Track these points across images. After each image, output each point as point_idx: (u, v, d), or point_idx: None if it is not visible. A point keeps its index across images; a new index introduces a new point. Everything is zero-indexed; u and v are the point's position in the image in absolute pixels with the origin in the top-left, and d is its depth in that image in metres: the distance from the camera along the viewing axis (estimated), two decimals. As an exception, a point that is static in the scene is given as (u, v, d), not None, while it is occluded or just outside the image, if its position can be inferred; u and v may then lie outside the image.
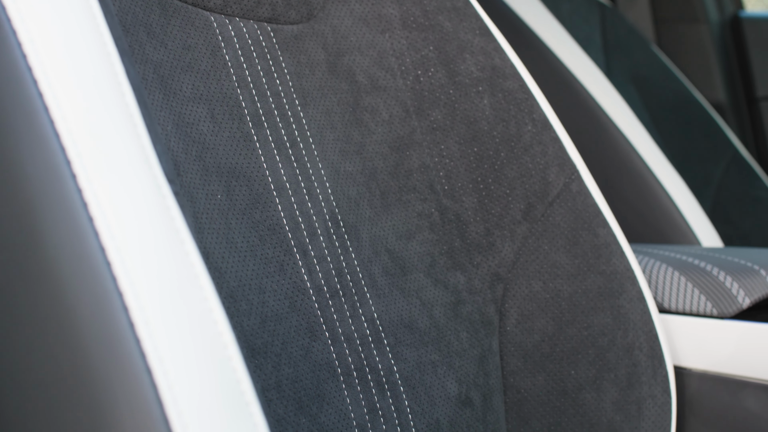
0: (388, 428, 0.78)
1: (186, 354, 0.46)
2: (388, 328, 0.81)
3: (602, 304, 0.97)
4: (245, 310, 0.70)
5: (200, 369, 0.46)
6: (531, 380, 0.96)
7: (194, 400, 0.45)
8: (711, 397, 1.07)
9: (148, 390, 0.45)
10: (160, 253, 0.48)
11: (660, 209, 1.70)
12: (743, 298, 1.05)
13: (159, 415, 0.44)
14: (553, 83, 1.72)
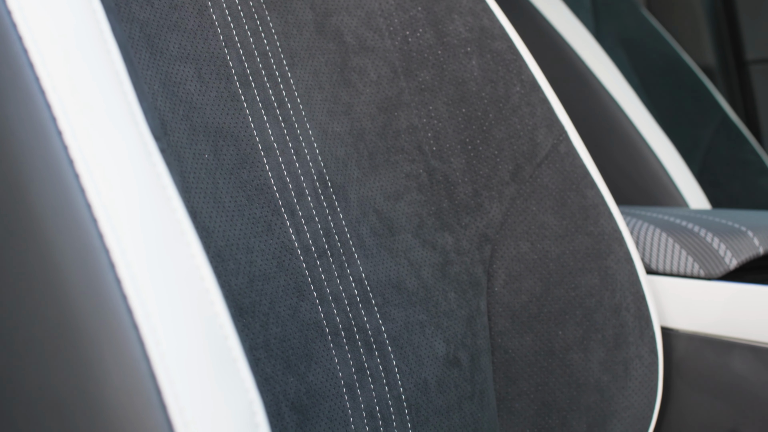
0: (376, 387, 0.78)
1: (173, 310, 0.46)
2: (376, 289, 0.81)
3: (590, 265, 0.97)
4: (233, 270, 0.70)
5: (187, 325, 0.46)
6: (519, 341, 0.96)
7: (181, 356, 0.45)
8: (698, 357, 1.07)
9: (134, 346, 0.45)
10: (146, 209, 0.48)
11: (648, 172, 1.70)
12: (730, 259, 1.05)
13: (146, 370, 0.45)
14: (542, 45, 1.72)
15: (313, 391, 0.72)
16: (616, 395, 0.98)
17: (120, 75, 0.52)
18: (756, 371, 1.03)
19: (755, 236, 1.07)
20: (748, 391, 1.04)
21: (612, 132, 1.73)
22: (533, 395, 0.97)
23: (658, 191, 1.69)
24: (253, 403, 0.47)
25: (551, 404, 0.97)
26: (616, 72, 1.78)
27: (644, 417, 1.00)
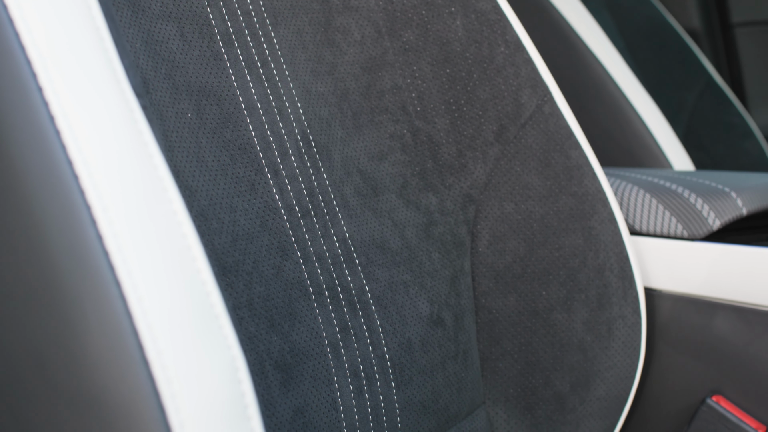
0: (360, 347, 0.78)
1: (155, 267, 0.46)
2: (360, 248, 0.81)
3: (573, 226, 0.97)
4: (216, 229, 0.70)
5: (169, 281, 0.46)
6: (502, 301, 0.96)
7: (163, 312, 0.45)
8: (681, 318, 1.08)
9: (117, 302, 0.45)
10: (127, 165, 0.48)
11: (633, 134, 1.70)
12: (714, 220, 1.06)
13: (128, 327, 0.45)
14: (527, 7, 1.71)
15: (296, 350, 0.72)
16: (599, 355, 0.99)
17: (101, 31, 0.51)
18: (738, 332, 1.04)
19: (738, 197, 1.07)
20: (730, 352, 1.05)
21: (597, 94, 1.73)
22: (517, 355, 0.97)
23: (642, 153, 1.70)
24: (235, 359, 0.47)
25: (535, 364, 0.97)
26: (601, 34, 1.78)
27: (627, 377, 1.01)
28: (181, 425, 0.44)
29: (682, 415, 1.08)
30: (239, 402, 0.46)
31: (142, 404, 0.44)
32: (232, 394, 0.46)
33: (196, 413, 0.44)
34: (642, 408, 1.11)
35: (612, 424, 1.01)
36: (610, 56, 1.75)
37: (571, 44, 1.73)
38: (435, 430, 0.85)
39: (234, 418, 0.46)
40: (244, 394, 0.46)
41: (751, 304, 1.03)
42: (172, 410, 0.44)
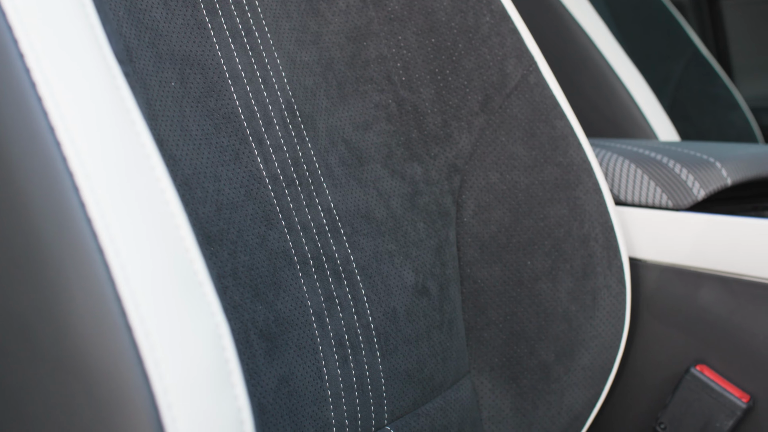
0: (345, 316, 0.78)
1: (137, 234, 0.46)
2: (345, 218, 0.81)
3: (558, 196, 0.97)
4: (200, 198, 0.69)
5: (152, 249, 0.46)
6: (487, 270, 0.96)
7: (146, 279, 0.45)
8: (665, 288, 1.08)
9: (100, 269, 0.45)
10: (110, 132, 0.47)
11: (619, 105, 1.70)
12: (698, 190, 1.06)
13: (111, 294, 0.44)
14: (514, -22, 1.71)
15: (281, 319, 0.72)
16: (584, 324, 0.99)
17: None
18: (723, 301, 1.04)
19: (723, 167, 1.07)
20: (714, 322, 1.05)
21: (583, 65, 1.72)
22: (502, 324, 0.97)
23: (628, 124, 1.70)
24: (219, 326, 0.47)
25: (520, 333, 0.98)
26: (588, 5, 1.78)
27: (612, 346, 1.01)
28: (164, 391, 0.44)
29: (666, 384, 1.09)
30: (223, 369, 0.46)
31: (126, 371, 0.44)
32: (215, 360, 0.46)
33: (180, 380, 0.44)
34: (626, 377, 1.11)
35: (596, 394, 1.02)
36: (596, 27, 1.75)
37: (557, 15, 1.73)
38: (420, 399, 0.86)
39: (218, 384, 0.46)
40: (228, 360, 0.46)
41: (735, 274, 1.03)
42: (156, 377, 0.44)
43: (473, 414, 0.95)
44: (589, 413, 1.02)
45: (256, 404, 0.68)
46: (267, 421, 0.69)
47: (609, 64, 1.72)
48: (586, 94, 1.72)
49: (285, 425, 0.70)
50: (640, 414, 1.11)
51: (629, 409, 1.12)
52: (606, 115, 1.71)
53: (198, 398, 0.45)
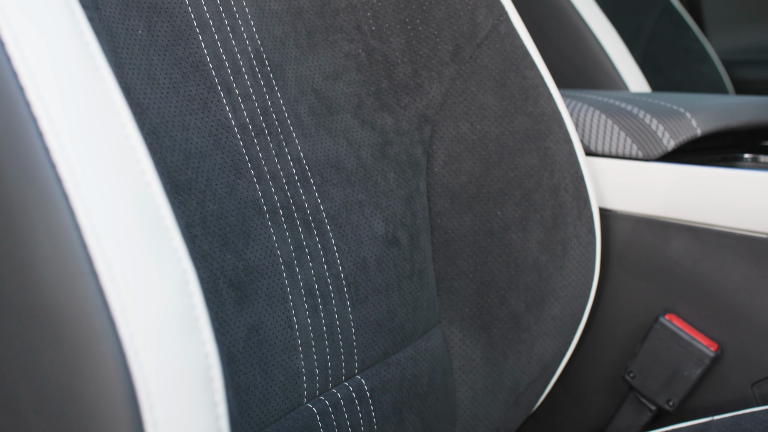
0: (315, 266, 0.78)
1: (103, 179, 0.45)
2: (315, 168, 0.81)
3: (529, 146, 0.97)
4: (168, 147, 0.69)
5: (118, 195, 0.46)
6: (458, 221, 0.97)
7: (112, 225, 0.45)
8: (635, 238, 1.08)
9: (64, 215, 0.44)
10: (74, 77, 0.47)
11: (590, 56, 1.70)
12: (668, 140, 1.06)
13: (77, 239, 0.44)
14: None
15: (251, 269, 0.72)
16: (554, 274, 1.00)
17: (45, -59, 0.50)
18: (692, 251, 1.05)
19: (693, 118, 1.07)
20: (683, 272, 1.06)
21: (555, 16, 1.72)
22: (472, 275, 0.97)
23: (599, 76, 1.70)
24: (186, 272, 0.46)
25: (490, 283, 0.98)
26: (559, -43, 1.77)
27: (582, 296, 1.01)
28: (131, 337, 0.44)
29: (635, 333, 1.09)
30: (190, 314, 0.46)
31: (92, 317, 0.44)
32: (182, 306, 0.46)
33: (146, 325, 0.44)
34: (596, 327, 1.12)
35: (566, 343, 1.02)
36: (568, -21, 1.74)
37: (529, -34, 1.72)
38: (390, 348, 0.86)
39: (185, 329, 0.46)
40: (195, 306, 0.46)
41: (704, 224, 1.04)
42: (122, 322, 0.44)
43: (444, 363, 0.95)
44: (559, 362, 1.03)
45: (225, 353, 0.68)
46: (236, 370, 0.69)
47: (581, 15, 1.71)
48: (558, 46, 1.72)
49: (255, 374, 0.70)
50: (610, 363, 1.12)
51: (599, 359, 1.13)
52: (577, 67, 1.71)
53: (165, 344, 0.45)
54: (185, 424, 0.45)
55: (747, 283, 1.03)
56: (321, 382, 0.77)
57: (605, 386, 1.13)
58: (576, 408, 1.15)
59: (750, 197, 1.01)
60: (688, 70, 2.18)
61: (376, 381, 0.83)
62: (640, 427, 1.08)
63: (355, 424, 0.80)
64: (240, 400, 0.69)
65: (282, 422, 0.73)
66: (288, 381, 0.74)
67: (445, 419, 0.96)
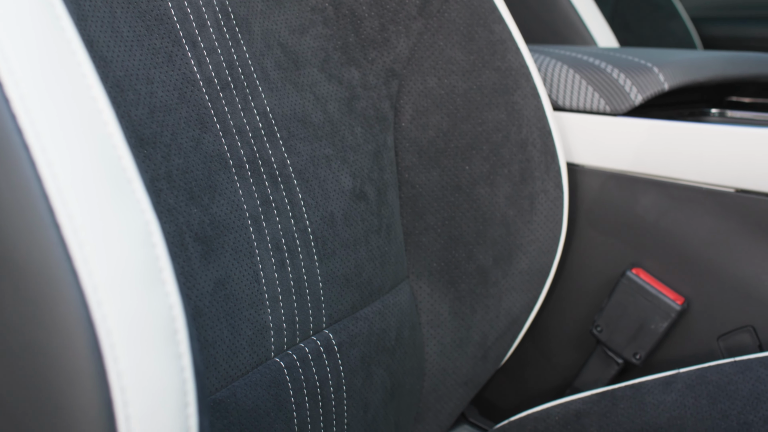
0: (282, 220, 0.78)
1: (64, 130, 0.45)
2: (281, 122, 0.81)
3: (497, 100, 0.97)
4: (133, 100, 0.68)
5: (80, 145, 0.45)
6: (426, 175, 0.96)
7: (74, 176, 0.44)
8: (603, 192, 1.09)
9: (25, 166, 0.44)
10: (34, 27, 0.46)
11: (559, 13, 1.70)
12: (636, 95, 1.06)
13: (38, 191, 0.44)
14: None
15: (217, 223, 0.71)
16: (521, 229, 1.00)
17: None
18: (659, 206, 1.05)
19: (661, 72, 1.07)
20: (650, 226, 1.06)
21: (523, -28, 1.72)
22: (440, 229, 0.98)
23: (568, 32, 1.69)
24: (149, 223, 0.46)
25: (458, 238, 0.98)
26: None
27: (549, 251, 1.02)
28: (94, 289, 0.44)
29: (603, 288, 1.10)
30: (153, 265, 0.46)
31: (55, 268, 0.43)
32: (145, 257, 0.45)
33: (109, 276, 0.44)
34: (564, 281, 1.12)
35: (534, 297, 1.03)
36: (537, -66, 1.73)
37: None
38: (358, 303, 0.86)
39: (148, 281, 0.45)
40: (159, 258, 0.46)
41: (671, 178, 1.04)
42: (85, 274, 0.44)
43: (412, 318, 0.95)
44: (527, 317, 1.04)
45: (192, 307, 0.68)
46: (203, 324, 0.69)
47: (550, -29, 1.71)
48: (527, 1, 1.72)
49: (222, 328, 0.70)
50: (578, 317, 1.13)
51: (566, 313, 1.13)
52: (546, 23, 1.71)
53: (128, 295, 0.44)
54: (149, 376, 0.45)
55: (713, 237, 1.03)
56: (288, 337, 0.77)
57: (573, 340, 1.14)
58: (544, 362, 1.16)
59: (717, 152, 1.01)
60: (656, 27, 2.18)
61: (343, 335, 0.83)
62: (607, 381, 1.09)
63: (323, 378, 0.80)
64: (207, 354, 0.69)
65: (249, 376, 0.73)
66: (255, 335, 0.74)
67: (414, 373, 0.96)
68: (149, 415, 0.45)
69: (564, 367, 1.15)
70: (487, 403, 1.20)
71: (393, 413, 0.92)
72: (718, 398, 0.91)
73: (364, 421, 0.86)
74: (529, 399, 1.17)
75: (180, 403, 0.46)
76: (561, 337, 1.14)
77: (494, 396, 1.20)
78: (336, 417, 0.82)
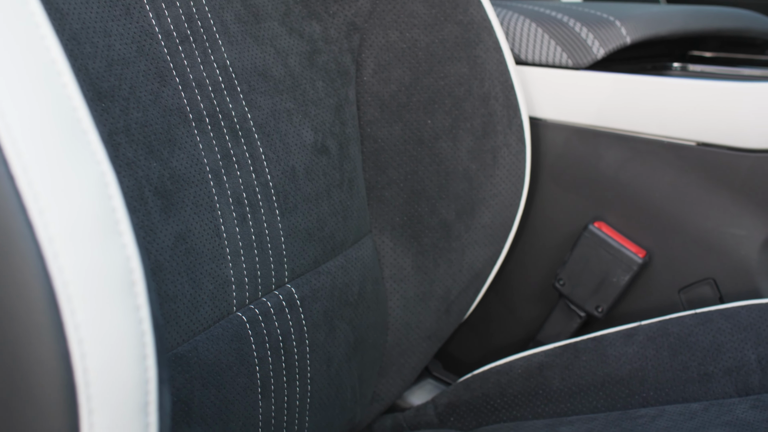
0: (243, 174, 0.77)
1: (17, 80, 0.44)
2: (242, 76, 0.80)
3: (459, 54, 0.97)
4: (90, 53, 0.67)
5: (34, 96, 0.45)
6: (388, 130, 0.96)
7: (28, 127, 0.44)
8: (565, 146, 1.09)
9: None
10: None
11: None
12: (598, 48, 1.06)
13: None
14: None
15: (177, 177, 0.71)
16: (484, 183, 1.00)
17: None
18: (621, 160, 1.06)
19: (623, 26, 1.07)
20: (612, 180, 1.07)
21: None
22: (402, 184, 0.97)
23: (531, -13, 1.69)
24: (105, 174, 0.46)
25: (420, 192, 0.98)
26: None
27: (512, 204, 1.02)
28: (49, 241, 0.43)
29: (565, 241, 1.11)
30: (110, 217, 0.45)
31: (10, 220, 0.43)
32: (101, 209, 0.45)
33: (65, 228, 0.44)
34: (527, 235, 1.13)
35: (497, 251, 1.03)
36: None
37: None
38: (321, 257, 0.86)
39: (105, 232, 0.45)
40: (115, 209, 0.46)
41: (633, 132, 1.05)
42: (41, 226, 0.43)
43: (375, 272, 0.96)
44: (490, 271, 1.04)
45: (152, 261, 0.68)
46: (164, 278, 0.68)
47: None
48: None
49: (183, 282, 0.70)
50: (540, 271, 1.13)
51: (529, 267, 1.14)
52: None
53: (84, 247, 0.44)
54: (107, 328, 0.45)
55: (675, 190, 1.04)
56: (251, 291, 0.77)
57: (536, 294, 1.14)
58: (508, 315, 1.17)
59: (679, 105, 1.02)
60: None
61: (306, 289, 0.83)
62: (570, 333, 1.10)
63: (285, 332, 0.80)
64: (168, 308, 0.69)
65: (212, 330, 0.73)
66: (217, 289, 0.73)
67: (377, 327, 0.96)
68: (107, 367, 0.44)
69: (527, 320, 1.16)
70: (451, 357, 1.21)
71: (356, 367, 0.92)
72: (679, 350, 0.92)
73: (327, 375, 0.86)
74: (492, 352, 1.17)
75: (138, 355, 0.46)
76: (524, 290, 1.15)
77: (458, 350, 1.20)
78: (299, 371, 0.82)
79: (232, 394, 0.74)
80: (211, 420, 0.72)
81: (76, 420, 0.44)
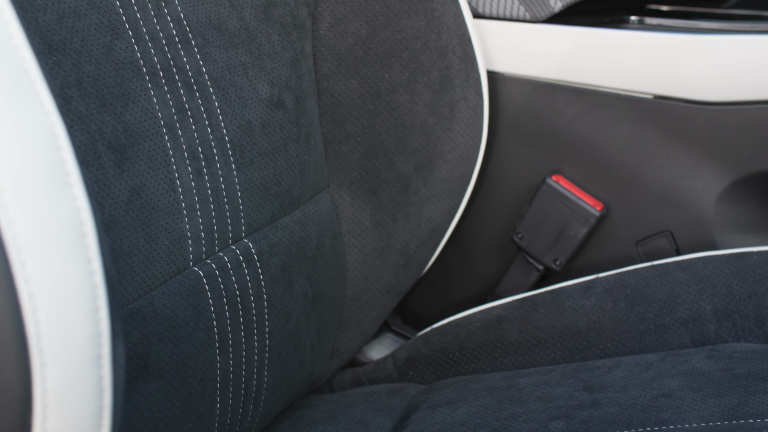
0: (198, 128, 0.77)
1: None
2: (196, 29, 0.79)
3: (416, 7, 0.96)
4: (40, 6, 0.67)
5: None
6: (345, 83, 0.96)
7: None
8: (523, 100, 1.09)
9: None
10: None
11: None
12: (555, 1, 1.06)
13: None
14: None
15: (131, 131, 0.70)
16: (441, 137, 1.00)
17: None
18: (579, 113, 1.06)
19: (580, -21, 1.07)
20: (570, 133, 1.07)
21: None
22: (360, 138, 0.97)
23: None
24: (54, 125, 0.45)
25: (378, 146, 0.98)
26: None
27: (470, 158, 1.02)
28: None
29: (523, 195, 1.11)
30: (59, 169, 0.45)
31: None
32: (51, 160, 0.45)
33: (13, 180, 0.43)
34: (485, 189, 1.13)
35: (455, 205, 1.03)
36: None
37: None
38: (278, 211, 0.86)
39: (54, 184, 0.44)
40: (65, 161, 0.45)
41: (591, 85, 1.05)
42: (-12, 178, 0.43)
43: (333, 227, 0.95)
44: (448, 225, 1.04)
45: (107, 216, 0.67)
46: (119, 233, 0.68)
47: None
48: None
49: (138, 237, 0.69)
50: (498, 225, 1.13)
51: (487, 221, 1.14)
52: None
53: (33, 199, 0.44)
54: (58, 280, 0.44)
55: (632, 143, 1.04)
56: (207, 246, 0.77)
57: (494, 248, 1.15)
58: (467, 269, 1.17)
59: (636, 58, 1.02)
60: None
61: (263, 244, 0.83)
62: (528, 286, 1.11)
63: (242, 287, 0.80)
64: (123, 263, 0.68)
65: (168, 285, 0.72)
66: (172, 244, 0.73)
67: (335, 282, 0.96)
68: (58, 320, 0.44)
69: (486, 274, 1.16)
70: (410, 311, 1.21)
71: (315, 322, 0.92)
72: (636, 301, 0.93)
73: (285, 330, 0.86)
74: (451, 306, 1.18)
75: (90, 308, 0.46)
76: (483, 244, 1.15)
77: (417, 304, 1.21)
78: (257, 326, 0.82)
79: (190, 349, 0.74)
80: (168, 375, 0.72)
81: (28, 373, 0.43)
